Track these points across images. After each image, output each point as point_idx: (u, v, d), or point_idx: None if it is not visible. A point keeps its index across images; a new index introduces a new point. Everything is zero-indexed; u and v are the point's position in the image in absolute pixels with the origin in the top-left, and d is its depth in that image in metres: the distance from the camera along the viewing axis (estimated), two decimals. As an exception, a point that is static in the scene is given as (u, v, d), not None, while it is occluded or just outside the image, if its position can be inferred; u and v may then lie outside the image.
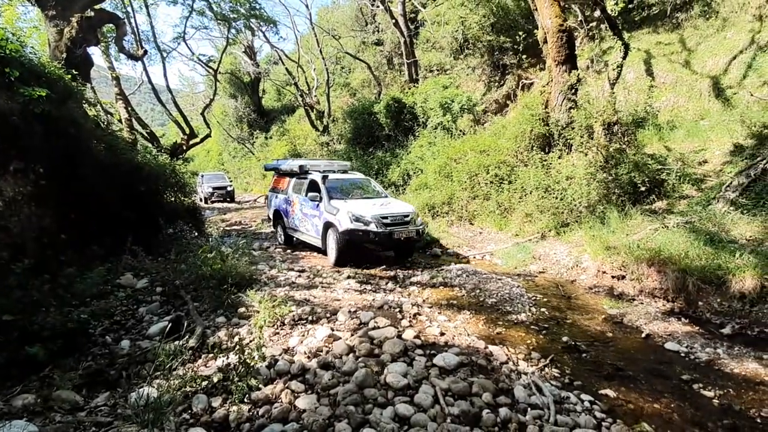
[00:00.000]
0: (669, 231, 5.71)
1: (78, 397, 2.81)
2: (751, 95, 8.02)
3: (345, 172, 8.77)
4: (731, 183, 6.13)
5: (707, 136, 7.86)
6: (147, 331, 3.93)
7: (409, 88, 16.40)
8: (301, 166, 8.35)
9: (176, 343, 3.52)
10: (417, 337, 3.91)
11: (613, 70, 8.31)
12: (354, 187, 8.24)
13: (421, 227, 7.30)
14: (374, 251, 7.60)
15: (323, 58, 21.97)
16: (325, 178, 7.70)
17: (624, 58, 8.27)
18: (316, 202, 7.39)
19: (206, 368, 3.23)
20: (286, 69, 23.72)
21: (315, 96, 23.13)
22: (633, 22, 12.01)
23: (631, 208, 6.83)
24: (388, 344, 3.65)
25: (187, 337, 3.72)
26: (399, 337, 3.85)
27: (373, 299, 5.07)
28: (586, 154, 7.72)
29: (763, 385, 3.37)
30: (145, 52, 14.80)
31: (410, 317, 4.53)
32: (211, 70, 21.61)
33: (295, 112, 28.62)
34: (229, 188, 22.08)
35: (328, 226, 7.11)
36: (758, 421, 2.91)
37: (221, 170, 32.16)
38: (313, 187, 7.78)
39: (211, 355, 3.41)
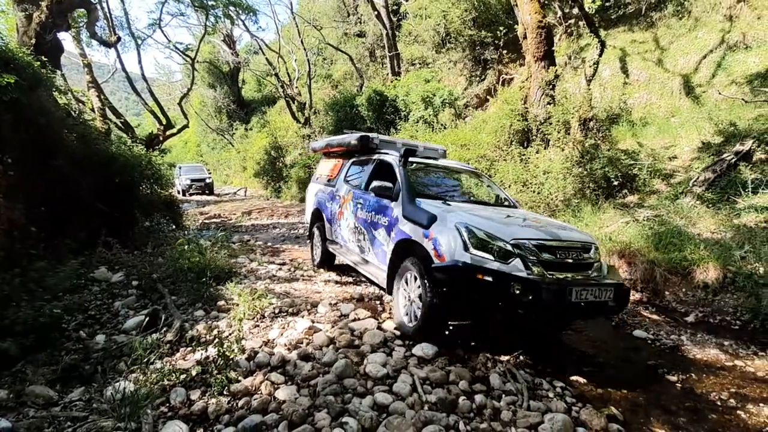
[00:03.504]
0: (639, 224, 5.95)
1: (52, 392, 2.76)
2: (720, 94, 8.36)
3: (435, 159, 5.41)
4: (698, 178, 6.42)
5: (677, 133, 8.17)
6: (123, 326, 3.86)
7: (391, 81, 16.37)
8: (363, 138, 5.15)
9: (153, 336, 3.48)
10: (397, 328, 3.97)
11: (590, 67, 8.52)
12: (455, 182, 5.08)
13: (616, 282, 3.42)
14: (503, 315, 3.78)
15: (305, 49, 21.67)
16: (407, 157, 4.44)
17: (600, 55, 8.47)
18: (386, 201, 4.23)
19: (184, 361, 3.21)
20: (267, 59, 23.30)
21: (296, 87, 22.83)
22: (609, 20, 12.29)
23: (604, 202, 7.06)
24: (368, 335, 3.70)
25: (164, 330, 3.68)
26: (379, 328, 3.90)
27: (354, 291, 5.11)
28: (563, 149, 7.92)
29: (723, 370, 3.58)
30: (119, 38, 14.28)
31: (390, 309, 4.59)
32: (188, 59, 21.03)
33: (275, 104, 28.22)
34: (207, 180, 21.72)
35: (405, 248, 3.84)
36: (718, 403, 3.09)
37: (200, 162, 31.55)
38: (383, 173, 4.70)
39: (189, 348, 3.39)
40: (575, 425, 2.70)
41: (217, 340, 3.22)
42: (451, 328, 3.92)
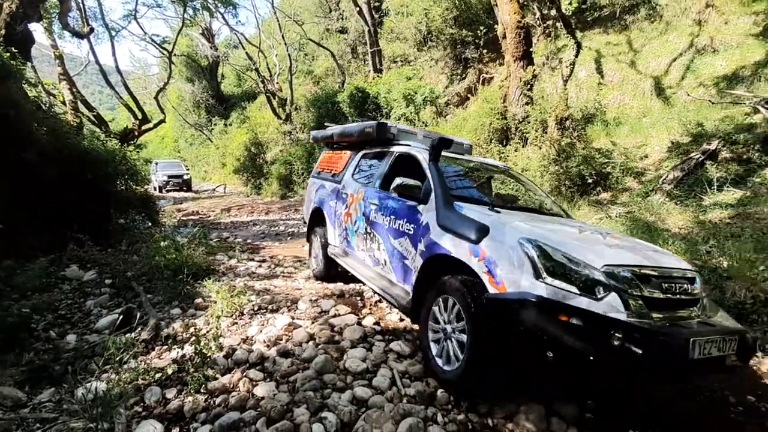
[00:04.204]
0: (612, 220, 6.14)
1: (20, 393, 2.67)
2: (688, 95, 8.69)
3: (461, 155, 4.60)
4: (667, 176, 6.68)
5: (648, 132, 8.47)
6: (95, 325, 3.77)
7: (373, 78, 16.37)
8: (379, 127, 4.38)
9: (128, 335, 3.41)
10: (377, 323, 3.99)
11: (566, 67, 8.73)
12: (492, 184, 4.52)
13: (739, 329, 2.57)
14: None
15: (285, 44, 21.42)
16: (439, 150, 3.61)
17: (576, 56, 8.69)
18: (412, 204, 3.46)
19: (160, 360, 3.16)
20: (247, 54, 22.92)
21: (277, 83, 22.55)
22: (586, 22, 12.58)
23: (579, 199, 7.27)
24: (348, 331, 3.71)
25: (139, 329, 3.60)
26: (359, 323, 3.91)
27: (335, 287, 5.11)
28: (540, 148, 8.10)
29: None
30: (92, 29, 13.79)
31: (371, 305, 4.61)
32: (165, 52, 20.50)
33: (256, 99, 27.84)
34: (185, 177, 21.31)
35: (439, 266, 3.02)
36: (680, 394, 3.17)
37: (177, 158, 30.87)
38: (404, 169, 3.93)
39: (165, 346, 3.33)
40: (549, 415, 2.78)
41: (194, 338, 3.17)
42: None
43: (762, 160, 6.18)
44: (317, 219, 5.35)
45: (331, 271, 5.11)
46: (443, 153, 4.02)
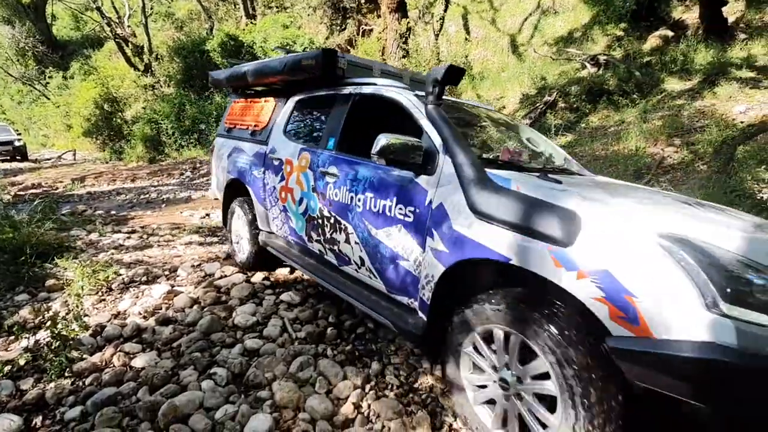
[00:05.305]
0: (478, 165, 6.93)
1: None
2: (535, 52, 9.91)
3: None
4: (520, 124, 7.70)
5: (506, 86, 9.53)
6: None
7: (247, 25, 14.98)
8: (326, 56, 2.94)
9: (-44, 332, 2.87)
10: (266, 278, 4.01)
11: (437, 22, 9.13)
12: (499, 136, 3.15)
13: None
14: None
15: (133, -21, 18.07)
16: (442, 89, 2.24)
17: (445, 10, 9.15)
18: (404, 174, 2.25)
19: (7, 352, 2.77)
20: (81, -12, 18.76)
21: (129, 26, 19.12)
22: (454, -23, 13.15)
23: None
24: (235, 290, 3.67)
25: (-29, 323, 3.05)
26: (248, 281, 3.88)
27: (219, 250, 4.92)
28: (418, 101, 8.54)
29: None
30: None
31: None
32: (-45, -21, 15.60)
33: (103, 46, 23.37)
34: (17, 143, 17.52)
35: (473, 276, 2.01)
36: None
37: (3, 121, 24.87)
38: (378, 120, 3.00)
39: (12, 336, 2.91)
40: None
41: (50, 321, 2.82)
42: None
43: (586, 108, 7.50)
44: (236, 193, 4.15)
45: (263, 259, 3.99)
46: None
